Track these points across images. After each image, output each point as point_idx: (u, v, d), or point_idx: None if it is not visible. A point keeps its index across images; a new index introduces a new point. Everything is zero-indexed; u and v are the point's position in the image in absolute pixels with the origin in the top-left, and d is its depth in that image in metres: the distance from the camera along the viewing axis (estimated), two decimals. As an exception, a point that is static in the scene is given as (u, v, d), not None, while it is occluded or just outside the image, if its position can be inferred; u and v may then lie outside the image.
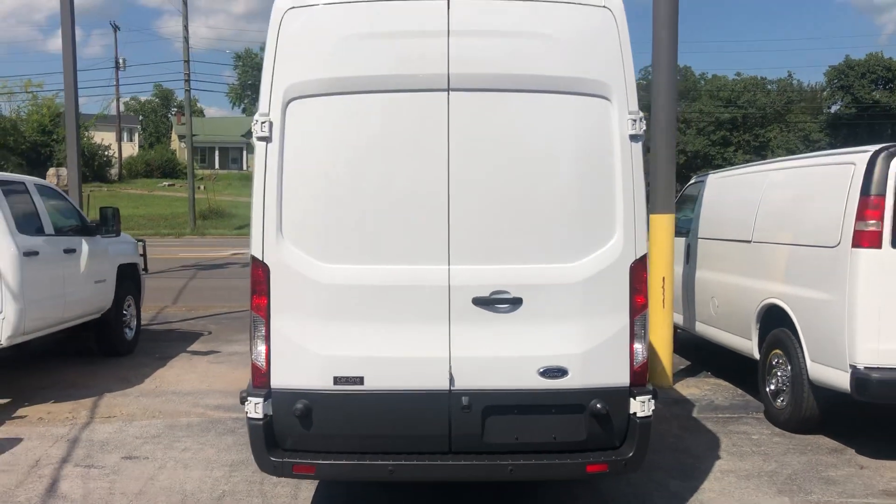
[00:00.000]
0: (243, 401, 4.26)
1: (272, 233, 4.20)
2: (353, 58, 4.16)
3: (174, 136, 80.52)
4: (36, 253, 7.44)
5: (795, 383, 6.40)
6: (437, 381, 4.14)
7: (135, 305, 9.96)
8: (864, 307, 5.63)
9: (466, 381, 4.15)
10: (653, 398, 4.27)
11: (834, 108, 64.66)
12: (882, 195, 5.63)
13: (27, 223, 7.58)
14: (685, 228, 9.07)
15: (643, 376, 4.28)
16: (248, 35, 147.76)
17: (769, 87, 65.39)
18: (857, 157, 5.96)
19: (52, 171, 48.33)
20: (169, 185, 59.59)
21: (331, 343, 4.17)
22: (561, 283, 4.19)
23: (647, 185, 8.60)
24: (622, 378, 4.22)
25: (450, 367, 4.14)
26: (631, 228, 4.22)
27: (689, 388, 8.08)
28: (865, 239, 5.67)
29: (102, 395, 7.73)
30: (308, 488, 5.19)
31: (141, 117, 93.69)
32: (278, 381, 4.20)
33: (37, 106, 60.96)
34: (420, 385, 4.15)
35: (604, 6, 4.20)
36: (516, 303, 4.17)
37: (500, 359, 4.17)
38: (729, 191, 8.33)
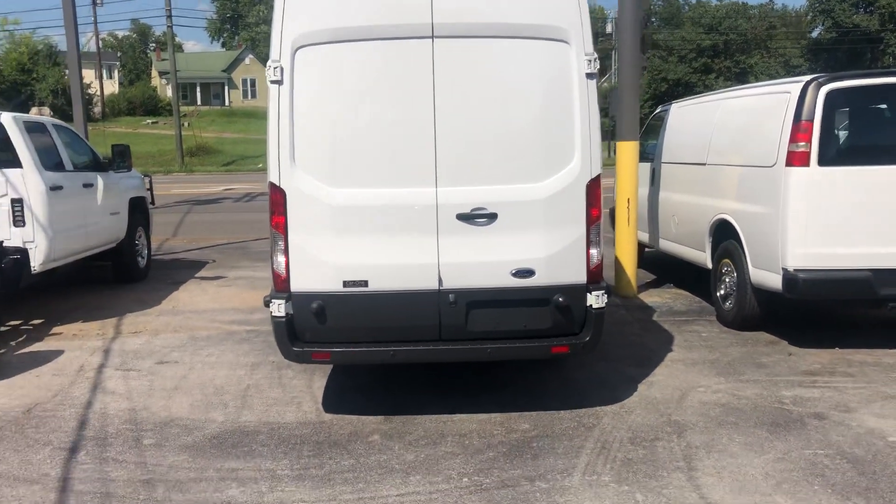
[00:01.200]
0: (267, 303, 5.13)
1: (286, 162, 5.00)
2: (350, 10, 4.91)
3: (154, 73, 79.77)
4: (60, 187, 8.19)
5: (740, 287, 7.34)
6: (428, 283, 5.02)
7: (145, 236, 10.76)
8: (794, 218, 6.52)
9: (452, 281, 5.03)
10: (606, 293, 5.16)
11: (815, 33, 64.87)
12: (811, 120, 6.46)
13: (50, 160, 8.31)
14: (651, 154, 9.91)
15: (598, 275, 5.17)
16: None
17: (751, 12, 65.43)
18: (792, 87, 6.77)
19: (34, 109, 48.34)
20: (153, 123, 59.58)
21: (340, 253, 5.02)
22: (529, 199, 5.04)
23: (612, 115, 9.40)
24: (580, 277, 5.11)
25: (438, 271, 5.02)
26: (587, 153, 5.05)
27: (652, 297, 9.04)
28: (796, 159, 6.52)
29: (125, 314, 8.60)
30: (320, 379, 6.11)
31: (119, 54, 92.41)
32: (297, 285, 5.07)
33: (14, 44, 60.29)
34: (414, 286, 5.02)
35: None
36: (492, 217, 5.02)
37: (480, 263, 5.04)
38: (688, 119, 9.14)
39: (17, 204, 7.76)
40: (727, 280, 7.66)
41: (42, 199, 7.85)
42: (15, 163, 7.80)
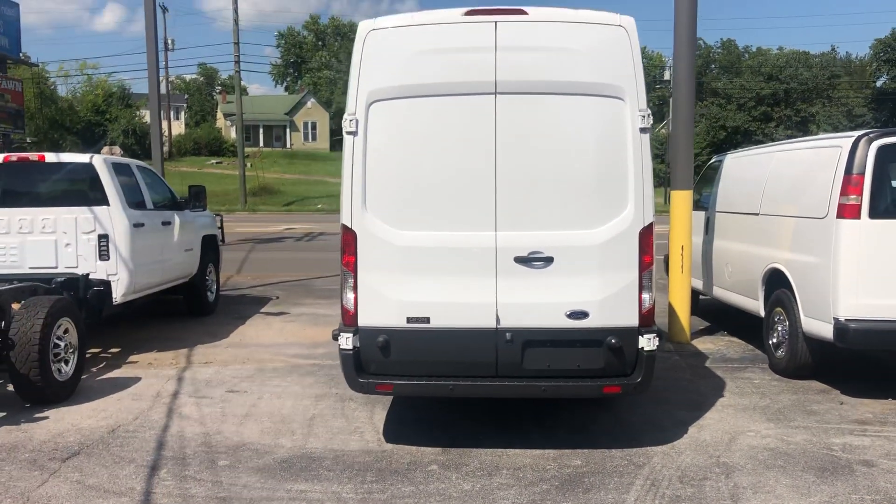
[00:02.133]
0: (335, 337, 5.49)
1: (358, 206, 5.39)
2: (420, 68, 5.33)
3: (220, 115, 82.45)
4: (142, 224, 8.77)
5: (792, 336, 7.46)
6: (486, 321, 5.33)
7: (215, 272, 11.33)
8: (845, 268, 6.67)
9: (510, 321, 5.33)
10: (657, 337, 5.39)
11: (879, 82, 64.05)
12: (862, 174, 6.64)
13: (133, 199, 8.91)
14: (705, 203, 10.11)
15: (649, 319, 5.40)
16: (290, 13, 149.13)
17: (813, 61, 64.96)
18: (842, 142, 6.96)
19: (105, 148, 50.45)
20: (217, 163, 61.56)
21: (404, 291, 5.37)
22: (584, 244, 5.33)
23: (668, 162, 9.63)
24: (632, 320, 5.35)
25: (496, 310, 5.32)
26: (640, 202, 5.34)
27: (706, 344, 9.16)
28: (847, 211, 6.69)
29: (195, 346, 9.08)
30: (381, 412, 6.43)
31: (186, 96, 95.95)
32: (364, 320, 5.42)
33: (91, 87, 63.21)
34: (473, 324, 5.34)
35: (619, 25, 5.31)
36: (549, 260, 5.32)
37: (536, 304, 5.33)
38: (741, 169, 9.34)
39: (104, 239, 8.34)
40: (779, 328, 7.78)
41: (126, 236, 8.42)
42: (103, 201, 8.39)
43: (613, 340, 5.30)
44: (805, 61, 63.80)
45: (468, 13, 5.36)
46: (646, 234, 5.37)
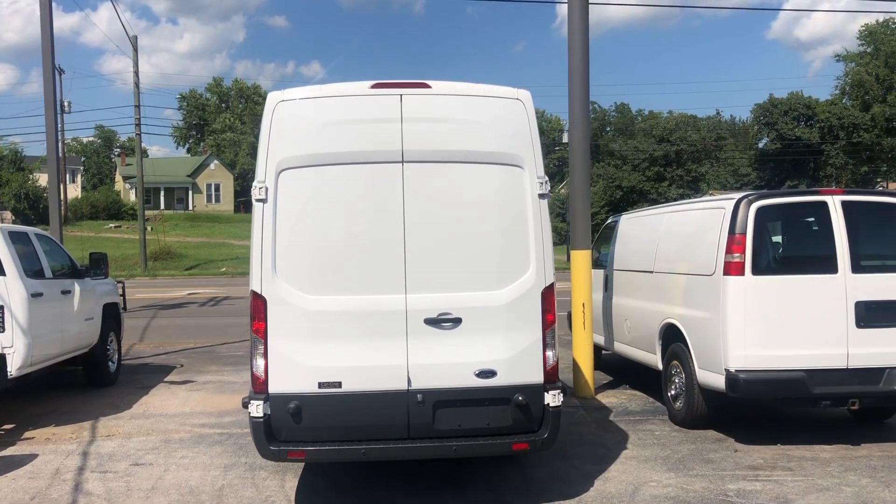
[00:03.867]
0: (245, 404, 5.47)
1: (268, 272, 5.45)
2: (329, 138, 5.49)
3: (118, 177, 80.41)
4: (41, 294, 8.50)
5: (688, 387, 7.83)
6: (398, 383, 5.43)
7: (116, 341, 11.01)
8: (733, 322, 7.10)
9: (420, 382, 5.44)
10: (562, 392, 5.60)
11: (761, 144, 68.23)
12: (744, 233, 7.14)
13: (32, 268, 8.64)
14: (604, 261, 10.56)
15: (554, 375, 5.62)
16: (192, 74, 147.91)
17: (700, 123, 68.79)
18: (725, 203, 7.49)
19: (-4, 214, 48.30)
20: (115, 227, 59.74)
21: (315, 356, 5.42)
22: (491, 305, 5.54)
23: (568, 223, 10.06)
24: (537, 377, 5.56)
25: (408, 372, 5.44)
26: (541, 263, 5.60)
27: (609, 398, 9.48)
28: (732, 268, 7.16)
29: (98, 418, 8.77)
30: (292, 479, 6.38)
31: (83, 158, 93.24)
32: (275, 387, 5.43)
33: (-23, 150, 60.64)
34: (385, 386, 5.42)
35: (516, 98, 5.64)
36: (457, 321, 5.50)
37: (446, 364, 5.47)
38: (635, 229, 9.85)
39: (-1, 310, 8.04)
40: (676, 381, 8.15)
41: (23, 306, 8.15)
42: (-1, 272, 8.12)
43: (521, 398, 5.48)
44: (693, 124, 67.52)
45: (375, 86, 5.59)
46: (547, 294, 5.62)
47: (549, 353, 5.61)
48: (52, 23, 14.15)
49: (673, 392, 8.25)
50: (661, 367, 8.59)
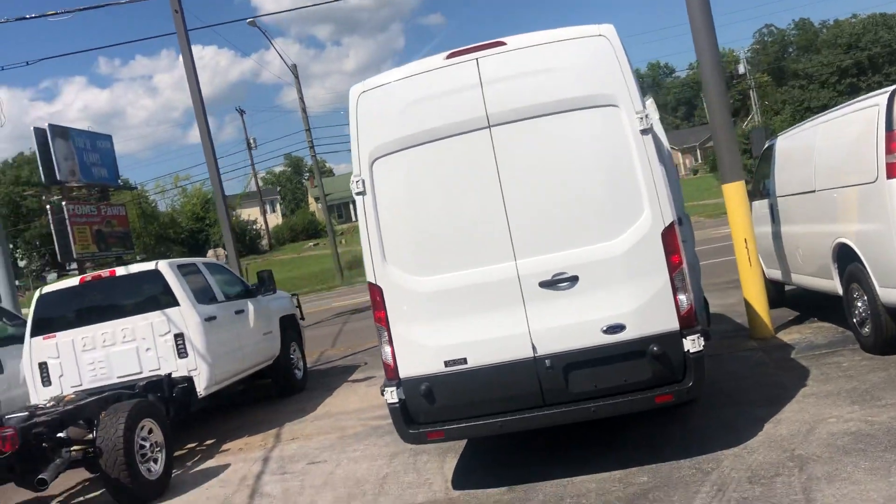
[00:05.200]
0: (383, 392, 5.56)
1: (379, 261, 5.50)
2: (414, 118, 5.44)
3: (310, 199, 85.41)
4: (214, 318, 9.16)
5: (873, 310, 7.03)
6: (523, 352, 5.29)
7: (299, 349, 11.64)
8: (906, 229, 6.28)
9: (546, 347, 5.27)
10: (702, 336, 5.19)
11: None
12: (903, 128, 6.28)
13: (203, 294, 9.33)
14: (768, 191, 9.73)
15: (690, 320, 5.23)
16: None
17: (892, 21, 61.95)
18: (879, 99, 6.62)
19: (210, 252, 52.98)
20: (314, 245, 63.56)
21: (437, 336, 5.41)
22: (607, 257, 5.25)
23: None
24: (671, 324, 5.20)
25: (531, 339, 5.28)
26: (656, 203, 5.22)
27: (792, 335, 8.72)
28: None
29: (283, 424, 9.31)
30: (452, 460, 6.41)
31: (279, 188, 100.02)
32: (404, 371, 5.48)
33: (188, 196, 66.85)
34: (510, 357, 5.30)
35: (598, 34, 5.29)
36: (574, 280, 5.26)
37: (569, 325, 5.26)
38: (792, 150, 8.98)
39: (180, 338, 8.75)
40: (859, 304, 7.35)
41: (199, 331, 8.80)
42: (173, 302, 8.83)
43: (656, 348, 5.16)
44: (884, 23, 60.88)
45: (450, 56, 5.47)
46: (669, 235, 5.24)
47: (682, 297, 5.23)
48: (197, 75, 15.22)
49: (858, 318, 7.44)
50: (840, 291, 7.77)
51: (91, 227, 20.36)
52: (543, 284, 5.28)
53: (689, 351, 5.17)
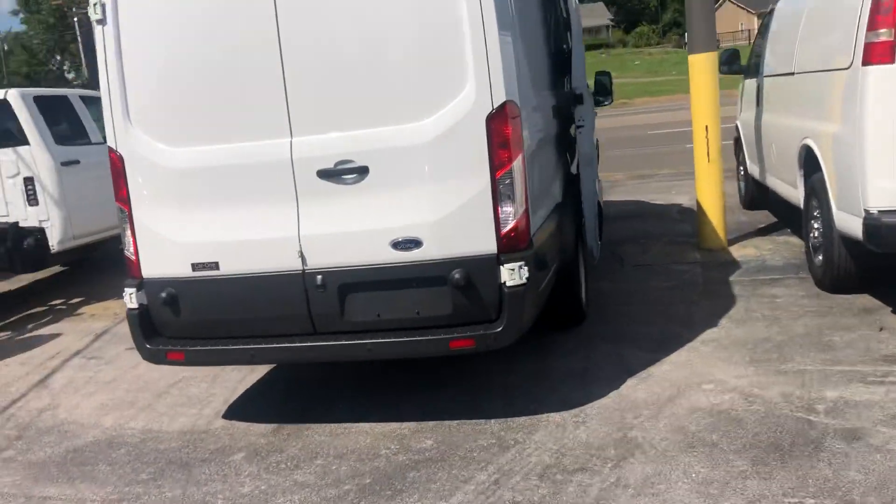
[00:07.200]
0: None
1: (121, 120, 4.09)
2: None
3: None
4: (77, 161, 7.88)
5: (826, 236, 5.46)
6: (289, 262, 3.92)
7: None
8: (873, 138, 4.60)
9: (318, 259, 3.90)
10: (526, 265, 3.76)
11: None
12: (893, -3, 4.47)
13: (68, 134, 8.04)
14: (758, 68, 7.89)
15: (516, 241, 3.77)
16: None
17: None
18: (871, -46, 4.74)
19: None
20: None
21: (186, 229, 4.06)
22: (408, 144, 3.76)
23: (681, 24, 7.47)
24: (486, 245, 3.76)
25: (300, 246, 3.90)
26: (485, 76, 3.66)
27: (747, 249, 7.16)
28: (877, 52, 4.57)
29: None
30: (255, 374, 5.20)
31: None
32: (148, 270, 4.19)
33: None
34: (273, 267, 3.95)
35: None
36: (363, 172, 3.80)
37: (351, 234, 3.86)
38: (784, 20, 7.06)
39: (30, 182, 7.56)
40: (815, 226, 5.77)
41: (52, 176, 7.59)
42: (24, 141, 7.58)
43: (458, 276, 3.75)
44: None
45: None
46: (498, 120, 3.69)
47: (507, 209, 3.76)
48: None
49: (812, 242, 5.87)
50: (802, 205, 6.16)
51: None
52: (323, 174, 3.83)
53: (504, 283, 3.75)
